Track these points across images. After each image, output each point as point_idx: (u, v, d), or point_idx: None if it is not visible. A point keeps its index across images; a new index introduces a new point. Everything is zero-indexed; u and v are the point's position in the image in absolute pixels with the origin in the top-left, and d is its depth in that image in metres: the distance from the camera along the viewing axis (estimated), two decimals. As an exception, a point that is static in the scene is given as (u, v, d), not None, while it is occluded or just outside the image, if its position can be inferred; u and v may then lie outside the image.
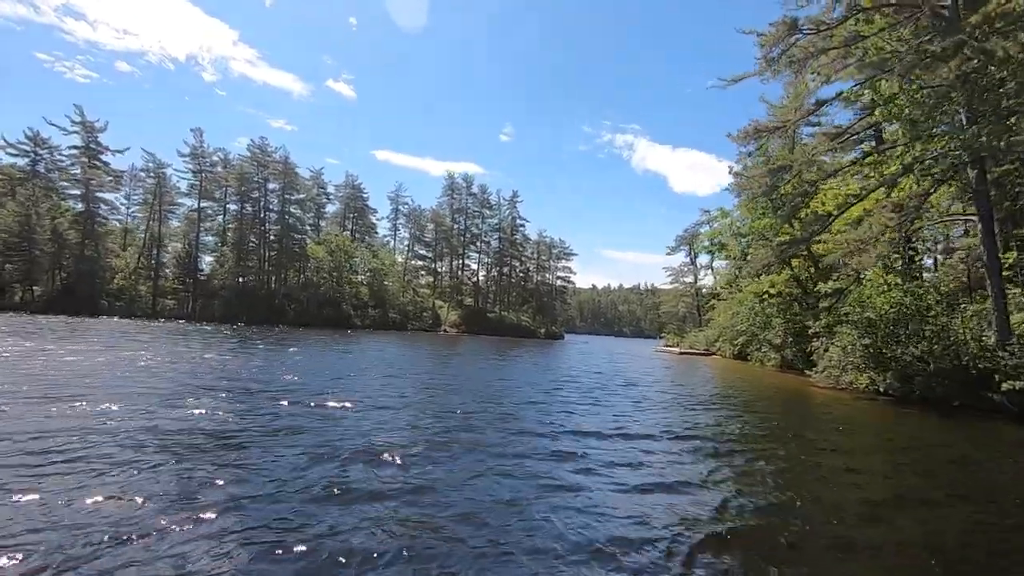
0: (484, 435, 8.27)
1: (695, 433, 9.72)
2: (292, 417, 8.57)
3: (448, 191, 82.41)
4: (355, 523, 4.55)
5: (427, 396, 12.12)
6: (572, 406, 11.92)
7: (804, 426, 11.90)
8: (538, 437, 8.37)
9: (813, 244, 22.23)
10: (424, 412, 9.90)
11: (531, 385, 15.64)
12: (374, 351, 26.14)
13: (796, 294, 27.10)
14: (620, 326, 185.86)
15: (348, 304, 66.41)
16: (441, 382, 15.33)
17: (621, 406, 12.41)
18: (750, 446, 9.09)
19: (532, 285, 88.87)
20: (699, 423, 11.14)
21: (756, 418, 12.46)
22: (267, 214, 68.90)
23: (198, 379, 12.12)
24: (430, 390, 13.20)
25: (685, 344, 50.87)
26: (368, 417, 9.01)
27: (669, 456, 7.96)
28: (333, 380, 13.49)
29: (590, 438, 8.60)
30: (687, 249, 63.24)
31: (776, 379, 23.11)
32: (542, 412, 10.84)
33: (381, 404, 10.41)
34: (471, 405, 11.00)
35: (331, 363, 18.26)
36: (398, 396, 11.66)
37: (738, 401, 15.41)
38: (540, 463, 6.85)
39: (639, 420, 10.81)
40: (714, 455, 8.17)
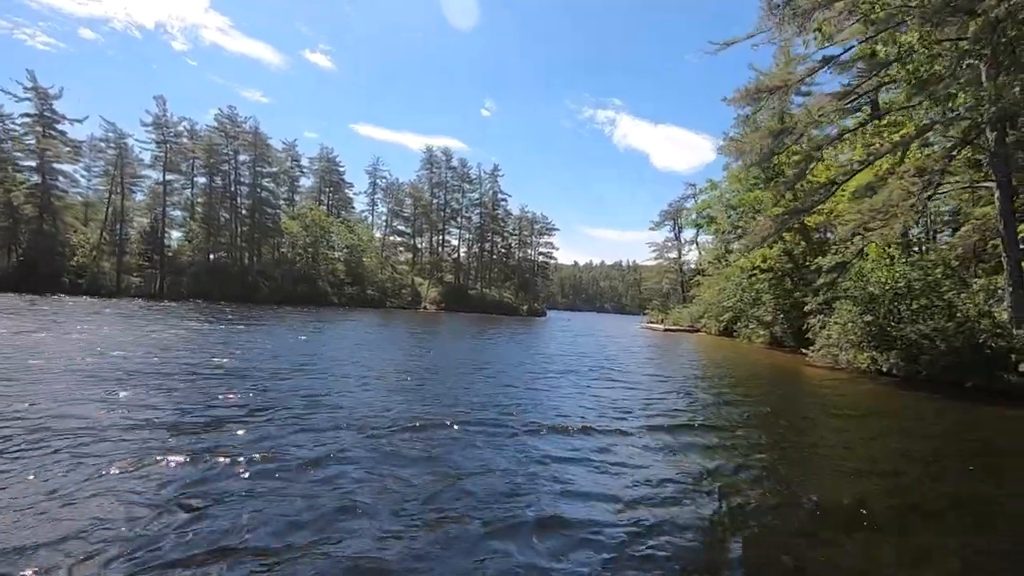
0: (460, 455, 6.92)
1: (684, 421, 8.56)
2: (222, 407, 7.15)
3: (427, 165, 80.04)
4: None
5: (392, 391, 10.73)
6: (563, 399, 10.63)
7: (804, 409, 10.81)
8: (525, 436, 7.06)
9: (809, 217, 21.22)
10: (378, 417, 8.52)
11: (516, 368, 14.34)
12: (340, 332, 24.58)
13: (787, 269, 26.10)
14: (601, 302, 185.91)
15: (324, 281, 64.38)
16: (408, 375, 13.93)
17: (611, 394, 11.16)
18: (744, 433, 8.03)
19: (514, 261, 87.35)
20: (691, 407, 10.04)
21: (750, 401, 11.37)
22: (238, 188, 66.08)
23: (127, 361, 10.56)
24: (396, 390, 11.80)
25: (669, 321, 50.07)
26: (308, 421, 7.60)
27: (654, 447, 6.84)
28: (270, 363, 12.01)
29: (587, 436, 7.32)
30: (671, 224, 62.25)
31: (767, 357, 22.19)
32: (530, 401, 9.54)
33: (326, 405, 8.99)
34: (437, 407, 9.64)
35: (286, 344, 16.73)
36: (357, 392, 10.25)
37: (731, 383, 14.33)
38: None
39: (627, 403, 9.59)
40: (709, 447, 7.20)
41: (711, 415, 9.58)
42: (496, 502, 4.72)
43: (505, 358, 17.02)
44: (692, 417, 9.18)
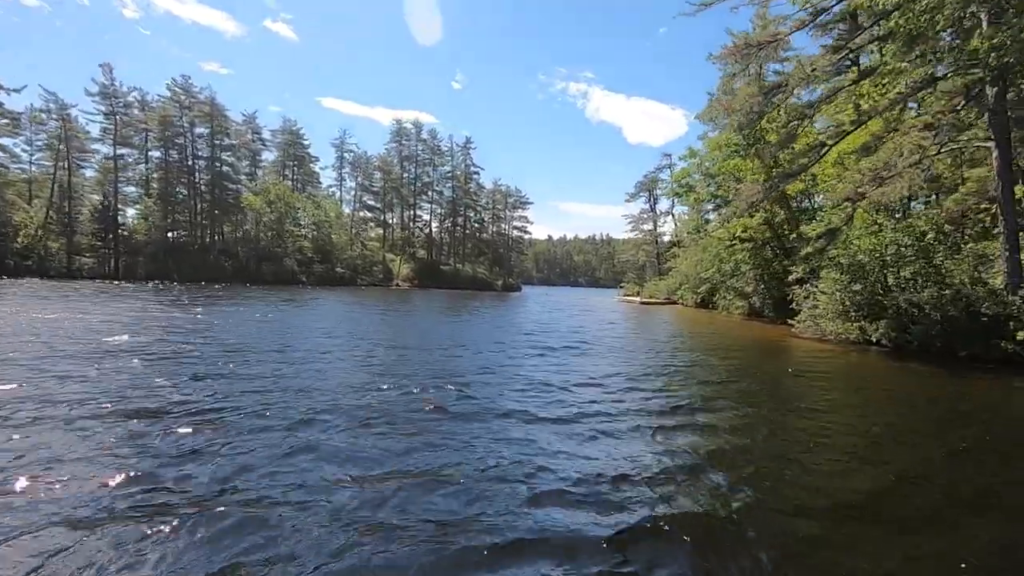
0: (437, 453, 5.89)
1: (675, 400, 7.73)
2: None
3: (397, 137, 77.50)
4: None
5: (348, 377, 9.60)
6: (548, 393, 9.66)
7: (791, 382, 10.09)
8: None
9: (790, 185, 20.50)
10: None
11: (491, 348, 13.31)
12: (303, 314, 23.21)
13: (767, 239, 25.53)
14: (576, 276, 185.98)
15: (292, 259, 62.15)
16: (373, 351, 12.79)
17: (595, 370, 10.26)
18: (732, 409, 7.42)
19: (488, 236, 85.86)
20: (680, 383, 9.30)
21: (737, 373, 10.64)
22: (196, 162, 62.97)
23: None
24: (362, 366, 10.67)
25: (645, 294, 49.71)
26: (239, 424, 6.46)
27: (645, 427, 6.08)
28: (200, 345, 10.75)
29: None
30: (647, 196, 61.37)
31: (749, 329, 21.66)
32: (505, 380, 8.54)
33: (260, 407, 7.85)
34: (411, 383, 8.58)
35: (240, 325, 15.38)
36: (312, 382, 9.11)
37: (717, 356, 13.60)
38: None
39: (607, 374, 8.72)
40: (699, 426, 6.55)
41: (699, 391, 8.84)
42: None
43: (485, 337, 16.01)
44: (682, 393, 8.48)
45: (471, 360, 10.99)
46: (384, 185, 74.95)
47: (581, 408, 7.13)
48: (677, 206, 55.71)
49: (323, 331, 15.17)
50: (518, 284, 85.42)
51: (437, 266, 75.22)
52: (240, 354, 10.19)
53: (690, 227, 39.44)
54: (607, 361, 11.76)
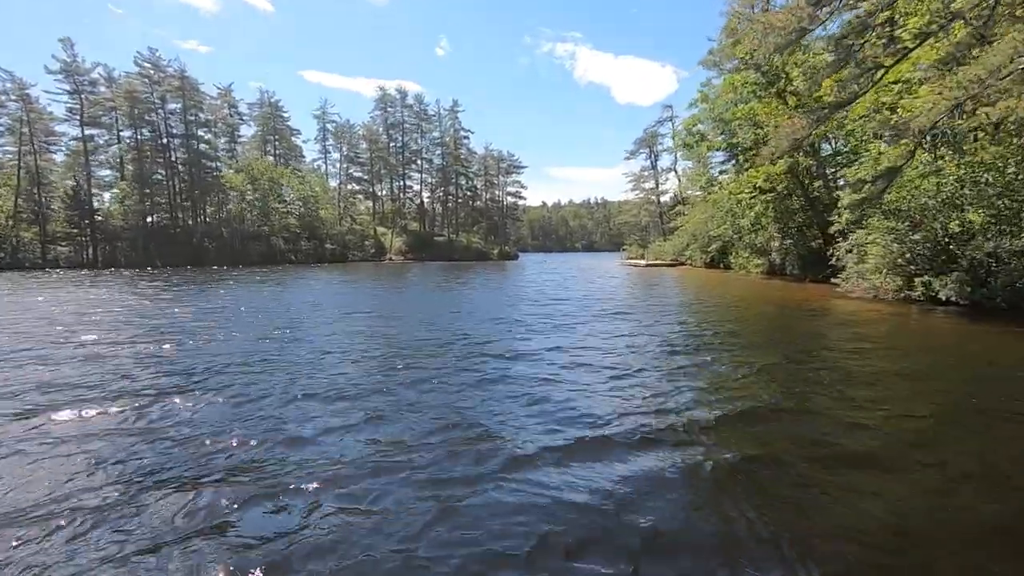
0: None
1: (719, 384, 5.69)
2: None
3: (381, 105, 73.89)
4: None
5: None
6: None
7: (855, 356, 8.02)
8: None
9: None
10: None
11: (505, 325, 11.19)
12: (289, 293, 21.01)
13: (790, 188, 23.23)
14: (572, 242, 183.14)
15: (279, 238, 59.62)
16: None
17: (621, 343, 8.19)
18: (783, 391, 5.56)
19: (481, 204, 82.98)
20: (718, 360, 7.34)
21: (781, 346, 8.58)
22: (170, 140, 59.62)
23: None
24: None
25: (650, 256, 47.38)
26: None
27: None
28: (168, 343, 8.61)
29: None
30: (647, 152, 58.37)
31: (777, 289, 19.58)
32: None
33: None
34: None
35: (206, 311, 13.20)
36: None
37: (753, 326, 11.60)
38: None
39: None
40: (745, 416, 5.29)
41: (745, 374, 6.88)
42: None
43: (490, 312, 13.92)
44: (726, 376, 6.74)
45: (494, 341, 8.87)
46: (371, 155, 71.64)
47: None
48: (681, 161, 52.97)
49: (304, 341, 12.98)
50: (515, 252, 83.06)
51: (431, 238, 72.67)
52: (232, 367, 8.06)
53: (701, 181, 36.91)
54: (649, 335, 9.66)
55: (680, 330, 10.89)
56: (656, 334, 10.31)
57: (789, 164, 21.21)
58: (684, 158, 48.26)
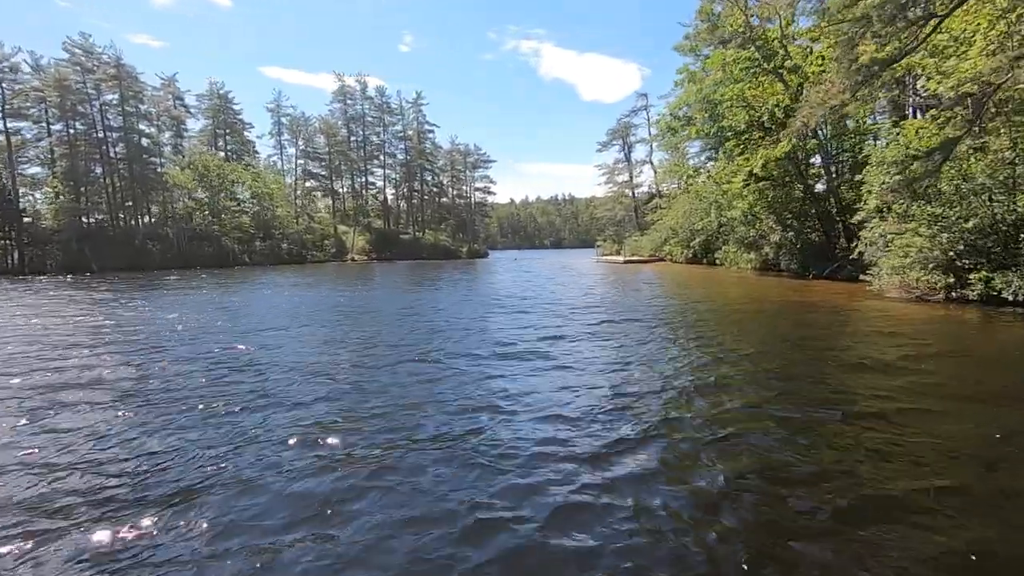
0: None
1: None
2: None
3: (339, 97, 69.96)
4: None
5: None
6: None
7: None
8: None
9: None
10: None
11: (483, 336, 8.63)
12: (213, 300, 17.99)
13: (789, 176, 21.24)
14: (541, 239, 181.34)
15: (230, 239, 55.48)
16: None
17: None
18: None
19: (448, 200, 79.88)
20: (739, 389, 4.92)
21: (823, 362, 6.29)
22: (107, 134, 54.74)
23: None
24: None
25: (627, 252, 45.19)
26: None
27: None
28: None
29: None
30: (620, 143, 56.22)
31: (782, 289, 17.47)
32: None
33: None
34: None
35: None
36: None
37: (776, 342, 9.34)
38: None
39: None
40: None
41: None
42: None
43: (465, 321, 11.32)
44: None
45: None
46: (329, 150, 67.71)
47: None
48: (656, 152, 50.85)
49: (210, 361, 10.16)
50: (484, 250, 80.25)
51: (396, 236, 69.29)
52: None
53: (681, 172, 34.79)
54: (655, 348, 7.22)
55: (687, 356, 8.45)
56: (657, 359, 7.97)
57: (792, 147, 19.15)
58: (662, 148, 46.22)
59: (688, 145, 36.23)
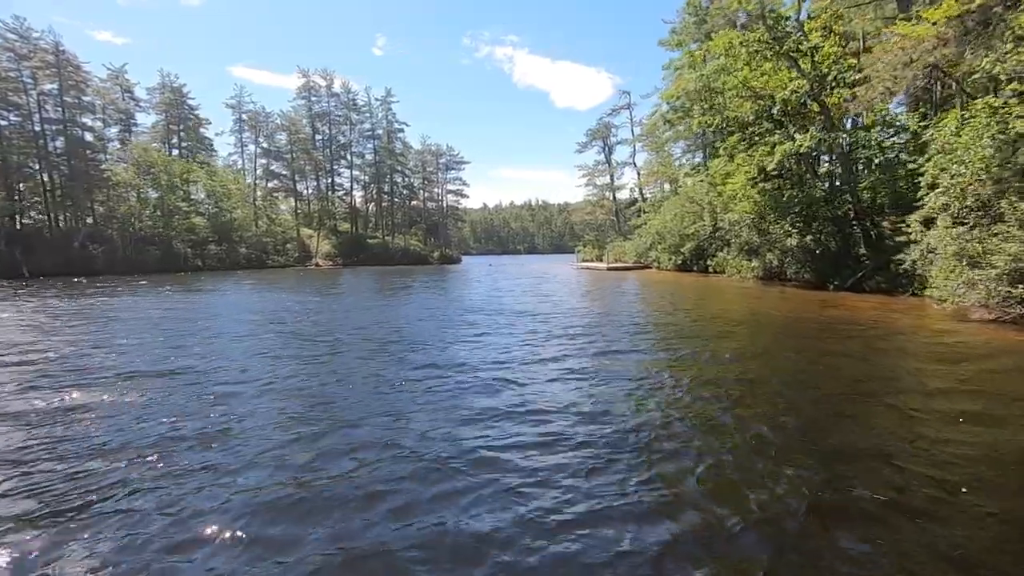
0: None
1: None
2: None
3: (304, 93, 66.21)
4: None
5: None
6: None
7: None
8: None
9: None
10: None
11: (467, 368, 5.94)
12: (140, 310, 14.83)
13: (806, 173, 19.03)
14: (514, 245, 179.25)
15: (182, 242, 51.35)
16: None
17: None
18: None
19: (419, 203, 76.54)
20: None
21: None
22: (44, 127, 50.05)
23: None
24: None
25: (609, 258, 42.64)
26: None
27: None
28: None
29: None
30: (601, 144, 53.71)
31: (807, 304, 15.09)
32: None
33: None
34: None
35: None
36: None
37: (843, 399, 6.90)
38: None
39: None
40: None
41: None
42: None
43: (426, 352, 8.58)
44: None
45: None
46: (291, 148, 63.77)
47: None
48: (640, 153, 48.44)
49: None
50: (457, 256, 77.10)
51: (363, 240, 65.71)
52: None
53: (682, 171, 32.45)
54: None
55: (707, 422, 5.89)
56: (670, 416, 5.43)
57: (816, 140, 16.86)
58: (647, 148, 44.05)
59: (674, 146, 34.11)
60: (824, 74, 16.75)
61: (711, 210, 25.86)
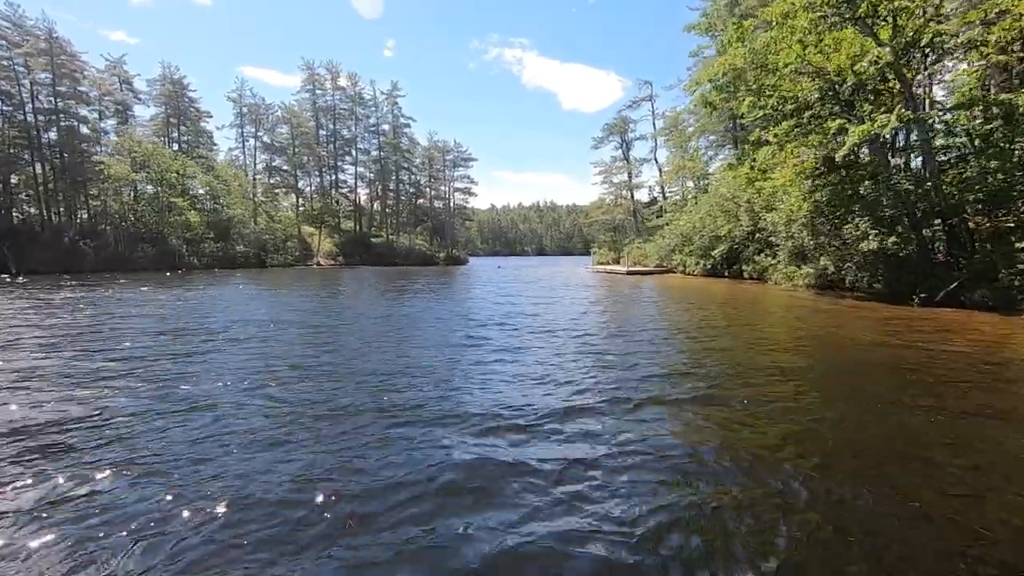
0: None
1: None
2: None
3: (308, 85, 63.88)
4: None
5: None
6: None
7: None
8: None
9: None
10: None
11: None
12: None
13: (876, 164, 16.26)
14: (521, 246, 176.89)
15: (179, 238, 49.14)
16: None
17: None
18: None
19: (425, 201, 73.99)
20: None
21: None
22: (36, 118, 47.96)
23: None
24: None
25: (628, 261, 39.70)
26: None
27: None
28: None
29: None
30: (618, 140, 50.83)
31: (890, 322, 12.29)
32: None
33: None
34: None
35: None
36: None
37: None
38: None
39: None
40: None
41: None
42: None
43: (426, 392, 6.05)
44: None
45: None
46: (293, 142, 61.39)
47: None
48: (662, 148, 45.26)
49: None
50: (464, 257, 74.44)
51: (367, 239, 63.31)
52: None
53: (717, 164, 29.63)
54: None
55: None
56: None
57: (905, 120, 14.03)
58: (670, 143, 40.94)
59: (700, 140, 31.39)
60: (911, 41, 14.02)
61: (749, 209, 23.16)
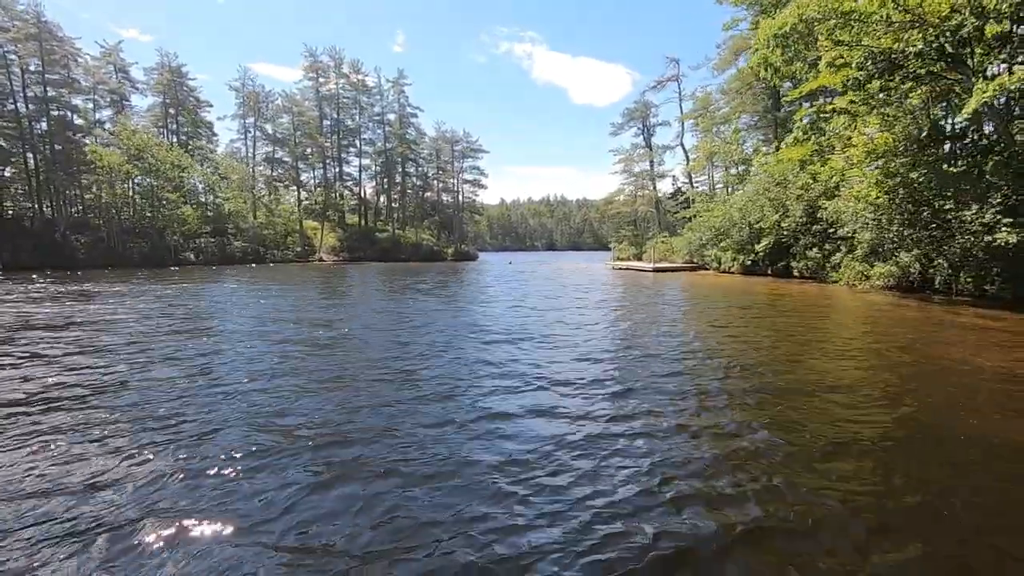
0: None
1: None
2: None
3: (311, 73, 61.05)
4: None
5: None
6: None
7: None
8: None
9: None
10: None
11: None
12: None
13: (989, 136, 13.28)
14: (532, 241, 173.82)
15: (175, 233, 46.76)
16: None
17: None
18: None
19: (433, 194, 71.11)
20: None
21: None
22: (26, 106, 45.63)
23: None
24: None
25: (653, 256, 36.39)
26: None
27: None
28: None
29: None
30: (639, 126, 47.55)
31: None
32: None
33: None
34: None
35: None
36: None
37: None
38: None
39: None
40: None
41: None
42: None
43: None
44: None
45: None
46: (295, 132, 58.62)
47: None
48: (688, 132, 41.83)
49: None
50: (473, 252, 71.57)
51: (372, 234, 60.64)
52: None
53: (735, 154, 26.59)
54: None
55: None
56: None
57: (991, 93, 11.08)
58: (698, 126, 37.44)
59: (739, 121, 28.44)
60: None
61: (803, 196, 20.20)
